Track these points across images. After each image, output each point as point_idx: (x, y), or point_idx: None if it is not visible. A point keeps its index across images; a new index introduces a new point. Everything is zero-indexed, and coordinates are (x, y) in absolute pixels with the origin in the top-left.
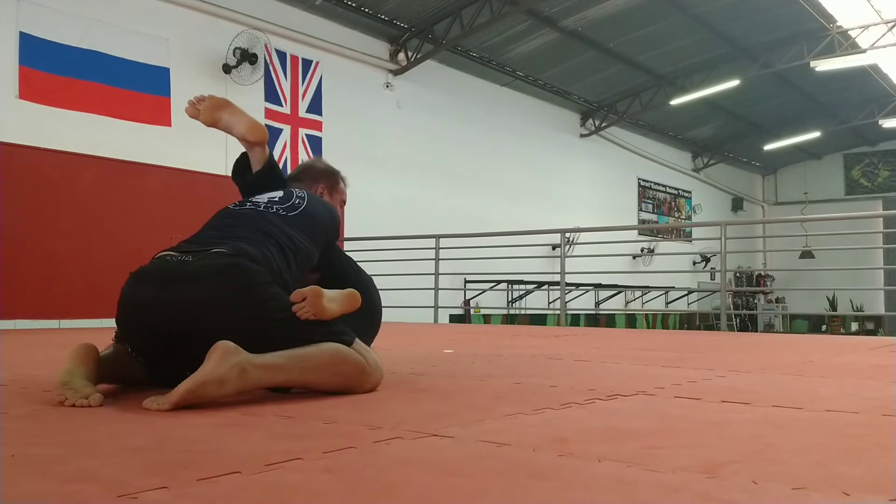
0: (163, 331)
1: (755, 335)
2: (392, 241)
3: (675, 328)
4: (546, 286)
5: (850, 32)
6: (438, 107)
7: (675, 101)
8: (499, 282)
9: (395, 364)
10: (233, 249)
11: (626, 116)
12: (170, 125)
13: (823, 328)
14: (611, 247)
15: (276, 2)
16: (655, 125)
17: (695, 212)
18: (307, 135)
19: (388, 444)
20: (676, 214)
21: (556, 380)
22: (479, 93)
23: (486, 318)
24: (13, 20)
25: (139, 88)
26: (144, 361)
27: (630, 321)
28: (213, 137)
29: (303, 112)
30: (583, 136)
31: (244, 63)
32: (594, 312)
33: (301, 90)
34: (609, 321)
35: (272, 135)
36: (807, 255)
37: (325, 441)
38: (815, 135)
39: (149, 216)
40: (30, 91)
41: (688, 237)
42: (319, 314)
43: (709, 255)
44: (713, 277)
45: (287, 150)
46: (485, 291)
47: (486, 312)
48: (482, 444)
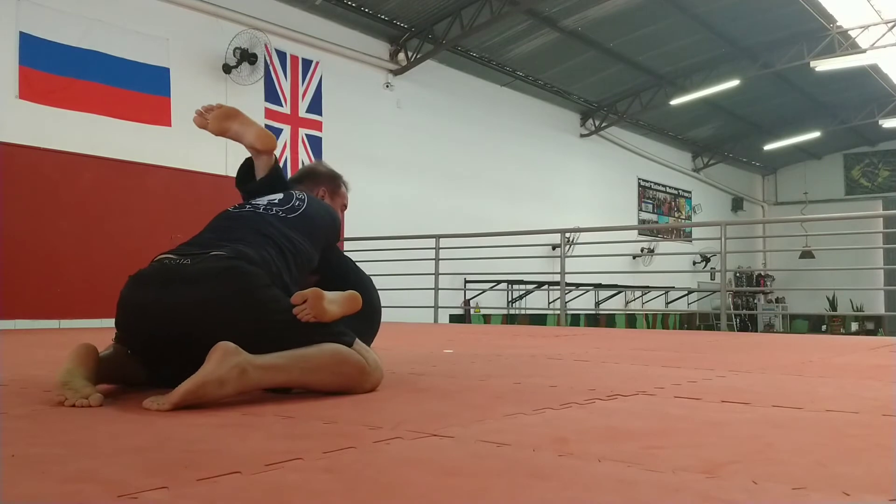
0: (162, 332)
1: (755, 335)
2: (392, 241)
3: (675, 328)
4: (546, 286)
5: (850, 32)
6: (438, 107)
7: (675, 101)
8: (499, 282)
9: (395, 364)
10: (232, 252)
11: (626, 116)
12: (170, 125)
13: (823, 328)
14: (611, 247)
15: (276, 2)
16: (655, 125)
17: (695, 212)
18: (307, 135)
19: (388, 444)
20: (676, 214)
21: (556, 380)
22: (479, 93)
23: (486, 318)
24: (13, 20)
25: (139, 88)
26: (144, 363)
27: (630, 321)
28: (213, 138)
29: (303, 112)
30: (583, 136)
31: (244, 63)
32: (594, 312)
33: (301, 90)
34: (609, 321)
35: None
36: (807, 255)
37: (325, 441)
38: (815, 135)
39: (149, 216)
40: (30, 91)
41: (688, 237)
42: (320, 316)
43: (709, 255)
44: (713, 277)
45: (287, 150)
46: (485, 291)
47: (486, 312)
48: (482, 444)
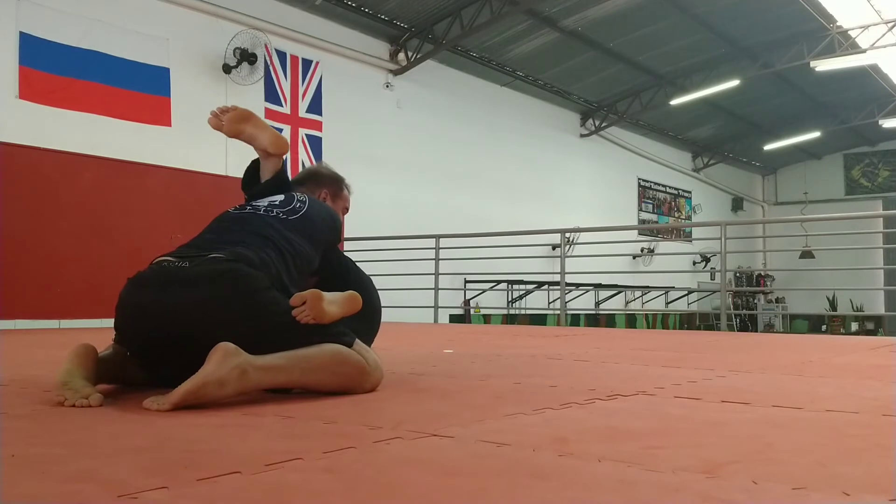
0: (162, 334)
1: (755, 335)
2: (392, 241)
3: (675, 328)
4: (546, 286)
5: (850, 32)
6: (438, 107)
7: (675, 101)
8: (499, 282)
9: (395, 364)
10: (231, 255)
11: (626, 116)
12: (170, 125)
13: (823, 328)
14: (611, 247)
15: (276, 2)
16: (655, 125)
17: (695, 212)
18: (307, 135)
19: (388, 444)
20: (676, 214)
21: (556, 380)
22: (479, 93)
23: (486, 318)
24: (13, 20)
25: (139, 88)
26: (144, 364)
27: (630, 321)
28: (214, 138)
29: (303, 112)
30: (583, 136)
31: (244, 63)
32: (594, 312)
33: (301, 90)
34: (609, 321)
35: None
36: (807, 255)
37: (325, 441)
38: (815, 135)
39: (149, 216)
40: (30, 91)
41: (688, 237)
42: (319, 318)
43: (709, 255)
44: (713, 277)
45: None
46: (485, 291)
47: (486, 312)
48: (482, 444)
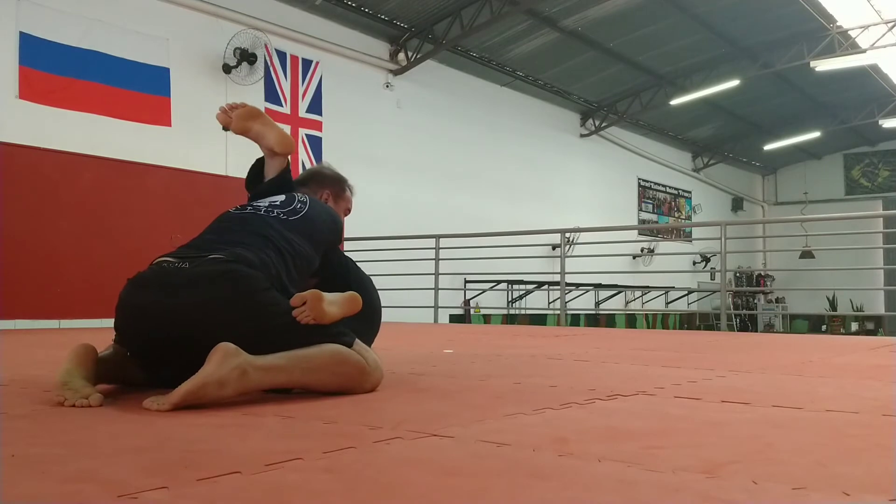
0: (162, 334)
1: (755, 335)
2: (392, 241)
3: (675, 328)
4: (546, 286)
5: (850, 32)
6: (438, 107)
7: (675, 101)
8: (499, 282)
9: (395, 364)
10: (230, 255)
11: (626, 116)
12: (170, 125)
13: (823, 328)
14: (611, 247)
15: (276, 2)
16: (655, 125)
17: (695, 212)
18: (307, 135)
19: (388, 444)
20: (676, 214)
21: (556, 380)
22: (479, 93)
23: (486, 318)
24: (13, 20)
25: (139, 88)
26: (143, 364)
27: (630, 321)
28: (214, 138)
29: (303, 112)
30: (583, 136)
31: (244, 63)
32: (594, 312)
33: (301, 90)
34: (609, 321)
35: None
36: (807, 255)
37: (325, 441)
38: (815, 135)
39: (149, 216)
40: (30, 91)
41: (688, 237)
42: (319, 318)
43: (709, 255)
44: (713, 277)
45: None
46: (485, 291)
47: (486, 312)
48: (482, 444)
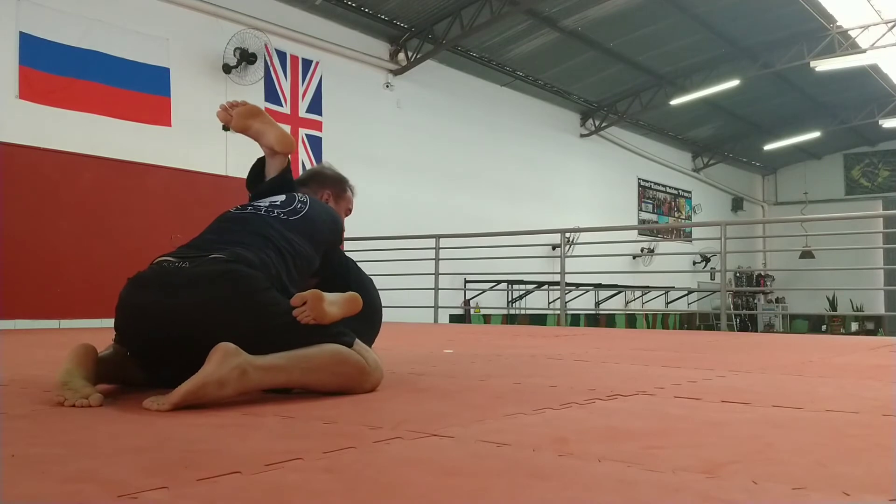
0: (162, 334)
1: (755, 335)
2: (392, 241)
3: (675, 328)
4: (546, 286)
5: (850, 32)
6: (438, 107)
7: (675, 101)
8: (499, 282)
9: (395, 364)
10: (230, 255)
11: (626, 116)
12: (170, 125)
13: (823, 328)
14: (611, 247)
15: (276, 2)
16: (655, 125)
17: (695, 212)
18: (307, 135)
19: (388, 444)
20: (676, 214)
21: (556, 380)
22: (479, 93)
23: (486, 318)
24: (13, 20)
25: (139, 88)
26: (143, 364)
27: (630, 321)
28: (214, 138)
29: (303, 112)
30: (583, 136)
31: (244, 63)
32: (594, 312)
33: (301, 90)
34: (609, 321)
35: None
36: (807, 255)
37: (325, 441)
38: (815, 135)
39: (149, 216)
40: (30, 91)
41: (688, 237)
42: (320, 318)
43: (709, 255)
44: (713, 277)
45: None
46: (485, 291)
47: (486, 312)
48: (482, 444)
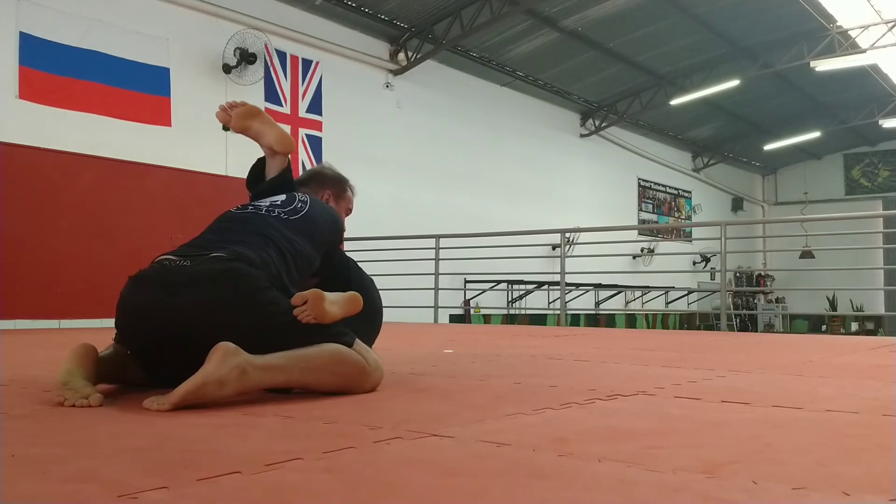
0: (162, 333)
1: (755, 335)
2: (392, 241)
3: (675, 328)
4: (546, 286)
5: (850, 32)
6: (438, 107)
7: (675, 101)
8: (499, 282)
9: (395, 364)
10: (231, 254)
11: (626, 116)
12: (170, 125)
13: (823, 328)
14: (611, 247)
15: (276, 2)
16: (655, 125)
17: (695, 212)
18: (307, 135)
19: (388, 444)
20: (676, 214)
21: (556, 380)
22: (479, 93)
23: (486, 318)
24: (13, 20)
25: (139, 88)
26: (144, 364)
27: (630, 321)
28: (214, 138)
29: (303, 112)
30: (583, 136)
31: (244, 63)
32: (594, 312)
33: (301, 90)
34: (609, 321)
35: None
36: (807, 255)
37: (325, 441)
38: (815, 135)
39: (149, 216)
40: (30, 91)
41: (688, 237)
42: (320, 318)
43: (709, 255)
44: (713, 277)
45: None
46: (485, 291)
47: (486, 312)
48: (482, 444)
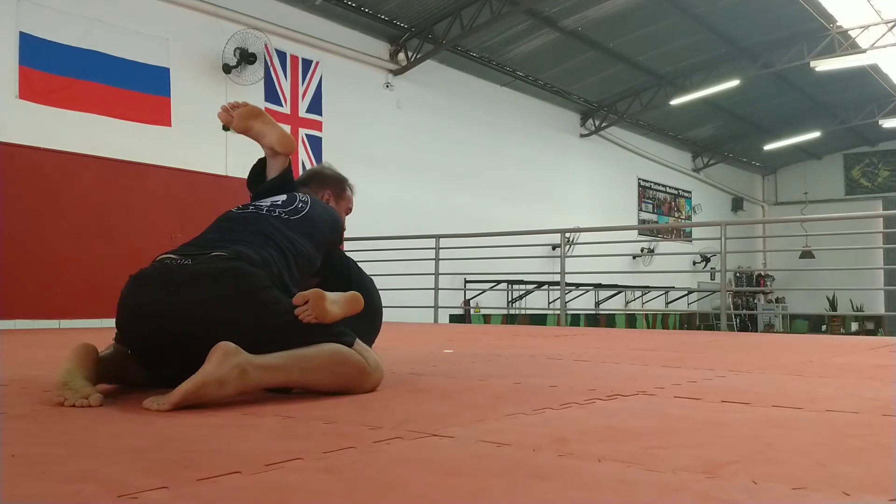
0: (163, 332)
1: (755, 335)
2: (392, 241)
3: (675, 328)
4: (546, 286)
5: (850, 32)
6: (438, 107)
7: (675, 101)
8: (499, 282)
9: (395, 364)
10: (232, 253)
11: (626, 116)
12: (170, 125)
13: (823, 328)
14: (611, 247)
15: (276, 2)
16: (655, 125)
17: (695, 212)
18: (307, 135)
19: (388, 444)
20: (676, 214)
21: (556, 380)
22: (479, 93)
23: (486, 318)
24: (13, 20)
25: (139, 88)
26: (144, 363)
27: (630, 321)
28: (214, 138)
29: (303, 112)
30: (583, 136)
31: (244, 63)
32: (594, 312)
33: (301, 90)
34: (609, 321)
35: None
36: (807, 255)
37: (325, 441)
38: (815, 135)
39: (149, 216)
40: (30, 91)
41: (688, 237)
42: (321, 317)
43: (709, 255)
44: (713, 277)
45: None
46: (485, 291)
47: (486, 312)
48: (482, 444)
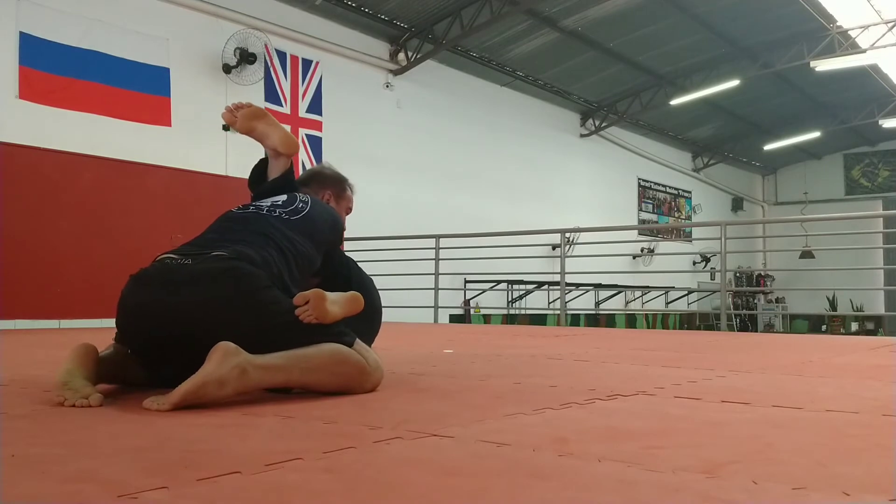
0: (163, 332)
1: (755, 335)
2: (392, 241)
3: (675, 328)
4: (546, 286)
5: (850, 32)
6: (438, 107)
7: (675, 101)
8: (499, 282)
9: (395, 364)
10: (233, 253)
11: (626, 116)
12: (170, 125)
13: (823, 328)
14: (611, 247)
15: (276, 2)
16: (655, 125)
17: (695, 212)
18: (307, 135)
19: (388, 444)
20: (676, 214)
21: (556, 380)
22: (479, 93)
23: (486, 318)
24: (13, 20)
25: (139, 88)
26: (144, 363)
27: (630, 321)
28: (214, 138)
29: (303, 112)
30: (583, 136)
31: (244, 63)
32: (594, 312)
33: (301, 90)
34: (609, 321)
35: None
36: (807, 255)
37: (325, 441)
38: (815, 135)
39: (149, 216)
40: (30, 91)
41: (688, 237)
42: (322, 317)
43: (709, 255)
44: (713, 277)
45: None
46: (485, 291)
47: (486, 312)
48: (482, 444)
